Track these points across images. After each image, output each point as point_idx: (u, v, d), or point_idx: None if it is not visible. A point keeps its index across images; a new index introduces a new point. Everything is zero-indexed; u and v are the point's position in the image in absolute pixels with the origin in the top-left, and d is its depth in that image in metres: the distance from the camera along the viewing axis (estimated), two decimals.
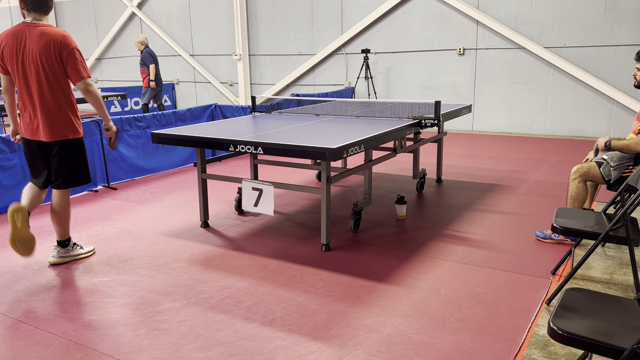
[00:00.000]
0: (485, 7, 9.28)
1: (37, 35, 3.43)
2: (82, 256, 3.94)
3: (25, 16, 3.50)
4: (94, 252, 4.05)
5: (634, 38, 8.23)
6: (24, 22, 3.49)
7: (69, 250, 3.88)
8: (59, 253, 3.84)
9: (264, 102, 11.12)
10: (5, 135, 5.05)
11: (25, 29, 3.47)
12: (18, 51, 3.47)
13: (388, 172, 6.56)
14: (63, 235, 3.83)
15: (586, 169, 3.88)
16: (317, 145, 3.55)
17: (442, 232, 4.34)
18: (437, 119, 4.69)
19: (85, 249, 3.98)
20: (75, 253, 3.91)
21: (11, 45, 3.47)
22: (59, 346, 2.76)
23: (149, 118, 6.55)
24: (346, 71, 11.07)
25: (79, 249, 3.94)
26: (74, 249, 3.91)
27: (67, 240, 3.86)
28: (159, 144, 5.01)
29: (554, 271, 3.53)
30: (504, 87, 9.40)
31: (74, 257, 3.89)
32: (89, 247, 4.03)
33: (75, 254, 3.91)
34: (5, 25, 17.01)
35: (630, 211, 2.86)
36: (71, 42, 3.48)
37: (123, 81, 14.59)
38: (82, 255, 3.93)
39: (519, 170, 6.49)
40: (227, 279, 3.53)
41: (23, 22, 3.49)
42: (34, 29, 3.45)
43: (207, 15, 12.76)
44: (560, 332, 1.84)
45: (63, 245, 3.85)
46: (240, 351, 2.67)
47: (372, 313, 3.03)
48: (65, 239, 3.85)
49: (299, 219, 4.77)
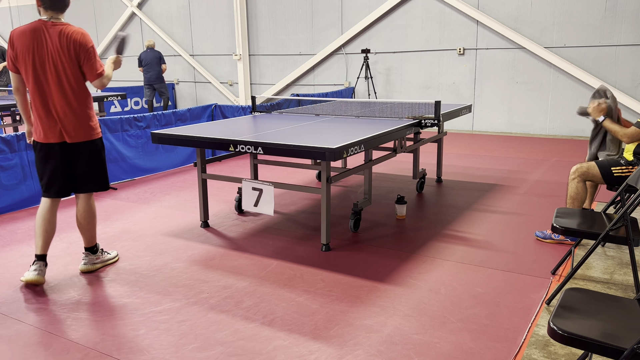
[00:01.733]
0: (485, 7, 9.28)
1: (57, 34, 3.34)
2: (111, 261, 3.82)
3: (42, 13, 3.39)
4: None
5: (634, 38, 8.23)
6: (40, 19, 3.38)
7: (99, 256, 3.76)
8: (90, 260, 3.71)
9: (264, 102, 11.11)
10: (5, 135, 5.05)
11: (43, 27, 3.35)
12: (35, 50, 3.34)
13: (388, 172, 6.56)
14: (91, 241, 3.71)
15: (585, 169, 3.87)
16: (317, 145, 3.55)
17: (442, 232, 4.34)
18: (437, 119, 4.69)
19: (112, 254, 3.87)
20: (105, 259, 3.78)
21: (27, 44, 3.34)
22: (59, 346, 2.76)
23: (149, 118, 6.55)
24: (346, 71, 11.07)
25: (106, 254, 3.83)
26: (103, 254, 3.80)
27: (95, 246, 3.75)
28: (159, 144, 5.01)
29: (554, 271, 3.53)
30: (504, 87, 9.40)
31: (104, 263, 3.77)
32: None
33: (105, 259, 3.78)
34: (5, 25, 17.00)
35: (630, 211, 2.86)
36: (89, 40, 3.42)
37: (123, 81, 14.58)
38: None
39: (519, 170, 6.49)
40: (227, 279, 3.53)
41: (39, 20, 3.37)
42: (53, 27, 3.35)
43: (207, 15, 12.76)
44: (560, 332, 1.84)
45: (93, 251, 3.73)
46: (240, 351, 2.67)
47: (372, 313, 3.03)
48: (94, 245, 3.74)
49: (299, 219, 4.77)
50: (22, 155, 5.19)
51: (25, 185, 5.22)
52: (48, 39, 3.35)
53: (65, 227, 4.64)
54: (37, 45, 3.35)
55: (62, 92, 3.40)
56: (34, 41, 3.34)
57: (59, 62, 3.36)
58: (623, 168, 3.76)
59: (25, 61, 3.37)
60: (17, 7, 16.48)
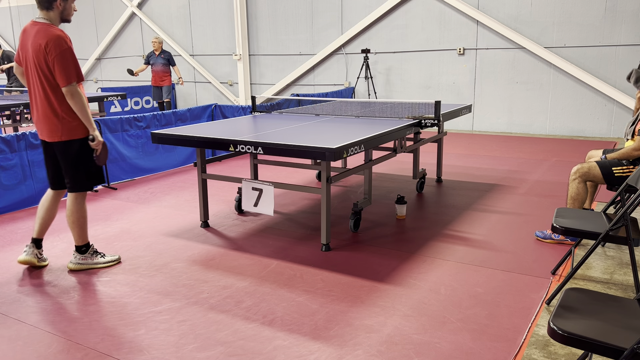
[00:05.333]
0: (485, 7, 9.28)
1: (34, 34, 3.39)
2: (101, 265, 3.75)
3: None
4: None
5: (634, 38, 8.23)
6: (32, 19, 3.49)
7: (87, 257, 3.73)
8: (76, 259, 3.72)
9: (264, 102, 11.12)
10: (5, 135, 5.05)
11: (29, 27, 3.45)
12: (23, 49, 3.48)
13: (388, 172, 6.56)
14: (78, 241, 3.70)
15: (586, 169, 3.88)
16: (317, 145, 3.54)
17: (442, 232, 4.34)
18: (437, 119, 4.69)
19: (107, 258, 3.80)
20: (93, 261, 3.74)
21: (21, 43, 3.50)
22: (59, 346, 2.76)
23: (149, 118, 6.55)
24: (346, 71, 11.07)
25: (99, 257, 3.77)
26: (94, 257, 3.75)
27: (84, 247, 3.72)
28: (159, 144, 5.01)
29: (554, 271, 3.53)
30: (504, 87, 9.40)
31: (92, 266, 3.73)
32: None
33: (93, 262, 3.74)
34: (5, 26, 17.01)
35: (630, 211, 2.86)
36: (62, 43, 3.33)
37: (123, 81, 14.58)
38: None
39: (519, 170, 6.49)
40: (227, 279, 3.53)
41: (32, 20, 3.49)
42: (34, 27, 3.42)
43: (207, 15, 12.76)
44: (560, 332, 1.84)
45: (80, 251, 3.72)
46: (240, 351, 2.67)
47: (372, 313, 3.03)
48: (82, 244, 3.71)
49: (299, 219, 4.77)
50: (22, 155, 5.18)
51: (25, 185, 5.22)
52: (30, 39, 3.43)
53: (66, 227, 4.64)
54: (25, 45, 3.48)
55: (43, 92, 3.45)
56: (23, 41, 3.48)
57: (35, 62, 3.41)
58: (624, 168, 3.77)
59: (22, 58, 3.55)
60: (17, 7, 16.48)
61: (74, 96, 3.38)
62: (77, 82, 3.40)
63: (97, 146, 3.56)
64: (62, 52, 3.33)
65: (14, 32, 16.85)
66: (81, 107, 3.41)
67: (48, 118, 3.47)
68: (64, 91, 3.38)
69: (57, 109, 3.45)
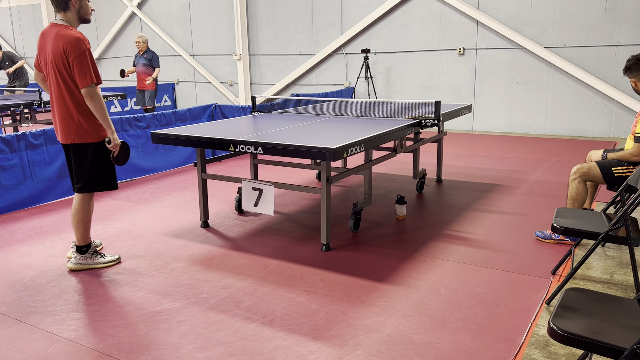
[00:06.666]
0: (485, 7, 9.28)
1: (54, 36, 3.39)
2: (101, 265, 3.76)
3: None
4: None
5: (634, 38, 8.23)
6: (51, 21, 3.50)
7: (87, 257, 3.73)
8: (76, 259, 3.72)
9: (264, 102, 11.11)
10: (5, 135, 5.05)
11: (49, 29, 3.46)
12: (42, 52, 3.50)
13: (388, 172, 6.56)
14: (80, 241, 3.71)
15: (586, 169, 3.88)
16: (317, 145, 3.55)
17: (442, 232, 4.34)
18: (437, 119, 4.69)
19: (107, 258, 3.81)
20: (93, 262, 3.74)
21: (40, 46, 3.52)
22: (59, 346, 2.76)
23: (149, 118, 6.55)
24: (346, 71, 11.07)
25: (99, 257, 3.78)
26: (94, 257, 3.76)
27: (85, 247, 3.73)
28: (159, 144, 5.01)
29: (554, 271, 3.53)
30: (504, 87, 9.40)
31: (92, 266, 3.73)
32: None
33: (93, 262, 3.74)
34: (5, 26, 17.00)
35: (630, 211, 2.86)
36: (81, 45, 3.34)
37: (123, 81, 14.57)
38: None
39: (519, 170, 6.49)
40: (227, 279, 3.53)
41: (51, 22, 3.50)
42: (53, 29, 3.42)
43: (207, 15, 12.76)
44: (560, 332, 1.84)
45: (80, 251, 3.72)
46: (240, 351, 2.67)
47: (372, 313, 3.03)
48: (84, 245, 3.72)
49: (299, 219, 4.77)
50: (22, 155, 5.19)
51: (25, 185, 5.22)
52: (49, 41, 3.43)
53: (66, 227, 4.65)
54: (43, 47, 3.49)
55: (60, 94, 3.47)
56: (42, 43, 3.50)
57: (54, 64, 3.42)
58: (624, 168, 3.77)
59: (41, 62, 3.57)
60: (17, 7, 16.48)
61: (93, 98, 3.40)
62: (95, 85, 3.41)
63: (114, 148, 3.58)
64: (80, 54, 3.35)
65: (14, 32, 16.85)
66: (100, 108, 3.43)
67: (64, 120, 3.50)
68: (83, 93, 3.39)
69: (73, 111, 3.47)
